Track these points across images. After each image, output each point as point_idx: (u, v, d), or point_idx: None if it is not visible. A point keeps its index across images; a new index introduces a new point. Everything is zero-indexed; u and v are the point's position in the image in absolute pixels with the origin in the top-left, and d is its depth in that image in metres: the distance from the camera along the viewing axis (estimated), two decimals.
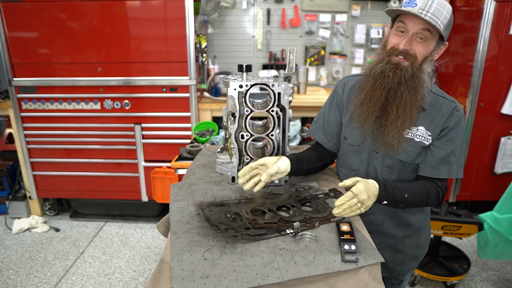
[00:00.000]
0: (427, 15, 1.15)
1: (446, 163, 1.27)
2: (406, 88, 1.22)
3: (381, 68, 1.23)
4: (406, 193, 1.22)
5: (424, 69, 1.24)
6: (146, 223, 3.26)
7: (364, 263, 0.95)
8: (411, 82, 1.22)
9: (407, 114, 1.23)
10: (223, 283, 0.86)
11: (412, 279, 2.44)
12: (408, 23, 1.20)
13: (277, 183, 1.40)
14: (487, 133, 3.00)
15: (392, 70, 1.21)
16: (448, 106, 1.28)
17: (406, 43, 1.20)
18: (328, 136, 1.44)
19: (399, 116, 1.23)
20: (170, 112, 2.97)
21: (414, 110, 1.24)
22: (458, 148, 1.28)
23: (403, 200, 1.22)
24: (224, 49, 3.55)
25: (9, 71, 2.89)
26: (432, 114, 1.28)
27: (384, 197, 1.17)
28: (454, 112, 1.27)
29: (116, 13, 2.76)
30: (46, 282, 2.49)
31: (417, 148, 1.27)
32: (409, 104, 1.23)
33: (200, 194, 1.30)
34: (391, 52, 1.23)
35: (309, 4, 3.40)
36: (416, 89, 1.23)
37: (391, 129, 1.25)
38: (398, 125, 1.24)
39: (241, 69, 1.34)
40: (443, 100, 1.29)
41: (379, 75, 1.24)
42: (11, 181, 3.38)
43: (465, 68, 2.98)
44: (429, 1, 1.16)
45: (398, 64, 1.21)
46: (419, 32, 1.19)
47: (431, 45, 1.22)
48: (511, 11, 2.73)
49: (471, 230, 2.27)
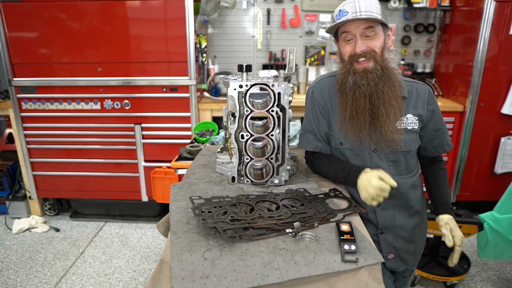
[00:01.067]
0: (362, 15, 1.22)
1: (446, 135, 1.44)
2: (383, 84, 1.29)
3: (353, 79, 1.29)
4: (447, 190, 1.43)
5: (388, 59, 1.30)
6: (146, 223, 3.26)
7: (364, 263, 0.95)
8: (385, 76, 1.29)
9: (394, 106, 1.30)
10: (223, 283, 0.86)
11: (412, 279, 2.44)
12: (351, 30, 1.27)
13: (277, 183, 1.40)
14: (487, 133, 3.00)
15: (363, 77, 1.28)
16: (423, 89, 1.39)
17: (359, 45, 1.27)
18: (324, 143, 1.45)
19: (388, 112, 1.29)
20: (170, 112, 2.97)
21: (399, 100, 1.31)
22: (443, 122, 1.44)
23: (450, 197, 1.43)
24: (224, 49, 3.55)
25: (9, 71, 2.89)
26: (412, 100, 1.37)
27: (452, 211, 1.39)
28: (431, 94, 1.40)
29: (116, 13, 2.76)
30: (46, 282, 2.49)
31: (411, 135, 1.36)
32: (393, 96, 1.29)
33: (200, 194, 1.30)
34: (352, 59, 1.29)
35: (309, 4, 3.40)
36: (392, 80, 1.30)
37: (387, 127, 1.30)
38: (391, 119, 1.30)
39: (241, 69, 1.34)
40: (416, 85, 1.40)
41: (354, 86, 1.30)
42: (11, 181, 3.38)
43: (465, 68, 2.98)
44: (355, 3, 1.24)
45: (365, 69, 1.28)
46: (364, 32, 1.26)
47: (381, 37, 1.29)
48: (511, 11, 2.73)
49: (471, 230, 2.26)
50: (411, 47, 3.53)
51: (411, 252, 1.47)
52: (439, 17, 3.42)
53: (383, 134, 1.30)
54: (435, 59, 3.52)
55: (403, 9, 3.41)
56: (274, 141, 1.36)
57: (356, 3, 1.24)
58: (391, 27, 3.44)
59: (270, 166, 1.39)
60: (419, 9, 3.38)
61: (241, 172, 1.40)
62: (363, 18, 1.22)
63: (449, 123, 3.02)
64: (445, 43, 3.35)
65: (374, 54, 1.27)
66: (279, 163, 1.39)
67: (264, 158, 1.38)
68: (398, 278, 1.58)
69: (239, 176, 1.40)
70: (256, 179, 1.40)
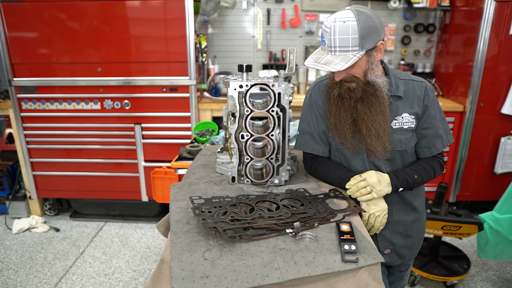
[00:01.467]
0: (336, 52, 1.20)
1: (437, 137, 1.38)
2: (362, 104, 1.30)
3: (338, 91, 1.31)
4: (415, 174, 1.35)
5: (372, 80, 1.28)
6: (146, 223, 3.26)
7: (364, 263, 0.95)
8: (365, 97, 1.30)
9: (376, 123, 1.30)
10: (223, 283, 0.86)
11: (412, 279, 2.44)
12: None
13: (277, 183, 1.40)
14: (487, 133, 3.00)
15: (346, 92, 1.30)
16: (420, 87, 1.37)
17: (337, 75, 1.27)
18: (322, 145, 1.45)
19: (369, 128, 1.31)
20: (170, 112, 2.97)
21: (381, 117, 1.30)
22: (440, 119, 1.39)
23: (415, 181, 1.34)
24: (224, 49, 3.55)
25: (9, 71, 2.89)
26: (409, 99, 1.37)
27: (399, 184, 1.31)
28: (427, 91, 1.37)
29: (116, 13, 2.76)
30: (46, 282, 2.49)
31: (408, 133, 1.37)
32: (372, 115, 1.30)
33: (200, 194, 1.30)
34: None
35: (309, 4, 3.40)
36: (371, 102, 1.30)
37: (370, 141, 1.32)
38: (373, 134, 1.31)
39: (241, 69, 1.34)
40: (413, 83, 1.38)
41: (338, 98, 1.32)
42: (11, 181, 3.38)
43: (465, 68, 2.98)
44: (331, 36, 1.20)
45: (349, 87, 1.29)
46: None
47: (362, 62, 1.25)
48: (511, 11, 2.73)
49: (471, 230, 2.27)
50: (411, 47, 3.53)
51: (408, 247, 1.49)
52: (439, 17, 3.42)
53: (367, 145, 1.34)
54: (435, 59, 3.52)
55: (403, 9, 3.41)
56: (274, 141, 1.36)
57: (332, 35, 1.19)
58: (391, 27, 3.44)
59: (270, 166, 1.39)
60: (419, 9, 3.38)
61: (241, 172, 1.40)
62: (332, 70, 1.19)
63: (449, 123, 3.00)
64: (445, 43, 3.35)
65: (355, 78, 1.28)
66: (279, 163, 1.39)
67: (264, 158, 1.38)
68: (394, 272, 1.60)
69: (239, 176, 1.40)
70: (256, 179, 1.40)
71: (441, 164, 1.43)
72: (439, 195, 2.36)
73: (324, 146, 1.45)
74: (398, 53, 3.56)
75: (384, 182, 1.27)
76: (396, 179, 1.30)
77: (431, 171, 1.39)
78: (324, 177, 1.43)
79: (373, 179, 1.25)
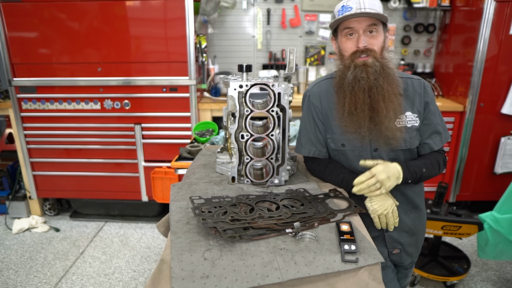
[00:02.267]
0: (366, 10, 1.23)
1: (437, 134, 1.38)
2: (383, 79, 1.28)
3: (352, 74, 1.28)
4: (424, 168, 1.32)
5: (387, 58, 1.31)
6: (146, 223, 3.26)
7: (364, 263, 0.95)
8: (384, 73, 1.28)
9: (394, 103, 1.30)
10: (223, 283, 0.86)
11: (412, 279, 2.44)
12: (354, 25, 1.28)
13: (277, 183, 1.40)
14: (487, 133, 3.00)
15: (363, 71, 1.27)
16: (418, 84, 1.38)
17: (362, 40, 1.27)
18: (319, 147, 1.45)
19: (389, 108, 1.29)
20: (170, 112, 2.97)
21: (398, 97, 1.31)
22: (439, 116, 1.40)
23: (423, 175, 1.32)
24: (224, 49, 3.55)
25: (9, 71, 2.89)
26: (410, 97, 1.36)
27: (409, 177, 1.28)
28: (426, 88, 1.38)
29: (116, 13, 2.76)
30: (46, 282, 2.49)
31: (412, 132, 1.36)
32: (393, 92, 1.29)
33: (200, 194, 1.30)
34: (354, 55, 1.29)
35: (309, 4, 3.40)
36: (391, 78, 1.30)
37: (387, 123, 1.30)
38: (391, 116, 1.29)
39: (241, 69, 1.34)
40: (411, 80, 1.38)
41: (354, 81, 1.29)
42: (11, 181, 3.38)
43: (465, 68, 2.98)
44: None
45: (365, 63, 1.27)
46: (367, 28, 1.27)
47: (381, 35, 1.30)
48: (511, 11, 2.73)
49: (471, 230, 2.27)
50: (411, 47, 3.53)
51: (414, 245, 1.50)
52: (439, 17, 3.42)
53: (384, 131, 1.31)
54: (435, 59, 3.52)
55: (403, 9, 3.41)
56: (274, 141, 1.36)
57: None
58: (391, 27, 3.44)
59: (270, 166, 1.39)
60: (419, 9, 3.38)
61: (241, 172, 1.40)
62: (368, 13, 1.23)
63: (449, 123, 3.02)
64: (445, 43, 3.35)
65: (374, 53, 1.28)
66: (279, 163, 1.39)
67: (264, 158, 1.38)
68: (400, 270, 1.60)
69: (239, 176, 1.40)
70: (256, 179, 1.40)
71: (444, 159, 1.42)
72: (439, 195, 2.36)
73: (320, 148, 1.45)
74: (398, 53, 3.55)
75: (393, 177, 1.23)
76: (407, 172, 1.28)
77: (436, 166, 1.37)
78: (327, 179, 1.43)
79: (382, 176, 1.21)
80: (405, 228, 1.45)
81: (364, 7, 1.24)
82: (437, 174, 1.39)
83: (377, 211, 1.28)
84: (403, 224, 1.44)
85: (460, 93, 3.03)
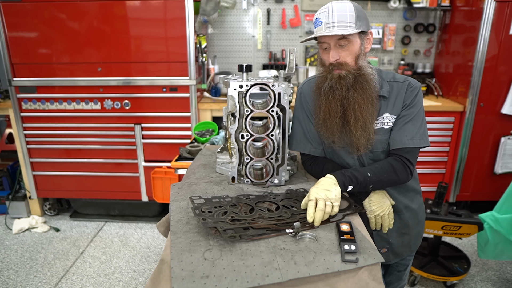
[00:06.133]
0: (334, 28, 1.23)
1: (407, 133, 1.32)
2: (354, 91, 1.30)
3: (329, 84, 1.31)
4: (368, 172, 1.27)
5: (363, 66, 1.31)
6: (146, 223, 3.26)
7: (364, 263, 0.95)
8: (357, 84, 1.30)
9: (364, 112, 1.30)
10: (223, 283, 0.86)
11: (412, 279, 2.44)
12: (326, 40, 1.28)
13: (277, 183, 1.40)
14: (487, 133, 3.00)
15: (337, 82, 1.30)
16: (402, 87, 1.36)
17: (332, 55, 1.28)
18: (314, 144, 1.45)
19: (358, 118, 1.30)
20: (170, 112, 2.97)
21: (370, 106, 1.31)
22: (417, 118, 1.33)
23: (369, 180, 1.26)
24: (224, 49, 3.55)
25: (9, 71, 2.89)
26: (392, 99, 1.36)
27: (346, 182, 1.22)
28: (408, 89, 1.35)
29: (116, 13, 2.76)
30: (46, 282, 2.49)
31: (388, 134, 1.35)
32: (363, 102, 1.30)
33: (200, 194, 1.30)
34: (329, 68, 1.31)
35: (309, 4, 3.40)
36: (364, 88, 1.30)
37: (355, 131, 1.31)
38: (360, 125, 1.30)
39: (241, 69, 1.34)
40: (397, 84, 1.37)
41: (329, 91, 1.32)
42: (11, 181, 3.38)
43: (465, 68, 2.98)
44: (329, 13, 1.24)
45: (340, 76, 1.29)
46: (337, 42, 1.27)
47: (356, 44, 1.29)
48: (511, 11, 2.73)
49: (471, 230, 2.27)
50: (411, 47, 3.53)
51: (406, 244, 1.49)
52: (439, 17, 3.42)
53: (353, 137, 1.33)
54: (435, 59, 3.52)
55: (403, 9, 3.41)
56: (274, 141, 1.36)
57: (329, 12, 1.23)
58: (391, 27, 3.44)
59: (270, 166, 1.39)
60: (419, 9, 3.38)
61: (241, 172, 1.40)
62: (334, 34, 1.22)
63: (449, 123, 3.02)
64: (445, 43, 3.35)
65: (346, 66, 1.29)
66: (279, 163, 1.39)
67: (264, 158, 1.38)
68: (393, 272, 1.60)
69: (239, 176, 1.40)
70: (256, 179, 1.40)
71: (406, 165, 1.31)
72: (439, 195, 2.36)
73: (316, 145, 1.45)
74: (398, 53, 3.56)
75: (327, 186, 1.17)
76: (342, 176, 1.22)
77: (389, 169, 1.29)
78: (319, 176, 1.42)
79: (320, 194, 1.14)
80: (394, 228, 1.44)
81: (332, 22, 1.23)
82: (396, 180, 1.30)
83: (375, 211, 1.29)
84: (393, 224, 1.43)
85: (460, 93, 3.03)
